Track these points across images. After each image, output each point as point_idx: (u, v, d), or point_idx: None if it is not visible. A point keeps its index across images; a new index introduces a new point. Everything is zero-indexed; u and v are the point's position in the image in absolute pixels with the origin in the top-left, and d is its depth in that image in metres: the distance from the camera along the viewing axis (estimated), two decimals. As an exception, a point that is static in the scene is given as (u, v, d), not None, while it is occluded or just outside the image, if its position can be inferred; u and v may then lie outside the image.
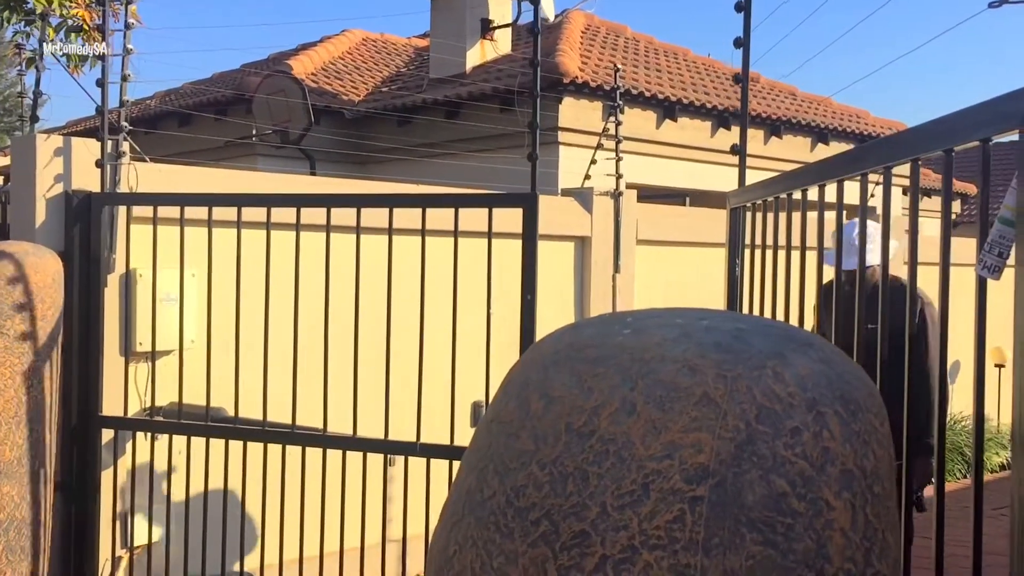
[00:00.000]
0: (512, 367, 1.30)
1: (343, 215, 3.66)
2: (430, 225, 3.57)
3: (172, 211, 3.82)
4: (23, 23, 7.37)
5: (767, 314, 2.95)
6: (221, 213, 3.76)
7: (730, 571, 0.97)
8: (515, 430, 1.16)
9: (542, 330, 3.68)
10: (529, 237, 3.47)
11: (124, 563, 3.96)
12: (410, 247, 3.66)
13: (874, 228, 3.75)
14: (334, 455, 3.61)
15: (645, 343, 1.15)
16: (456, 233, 3.51)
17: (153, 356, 3.83)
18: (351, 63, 11.57)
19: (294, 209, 3.61)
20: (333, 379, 3.67)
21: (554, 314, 5.19)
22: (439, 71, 9.57)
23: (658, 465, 1.03)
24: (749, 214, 3.33)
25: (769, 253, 2.97)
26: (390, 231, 3.54)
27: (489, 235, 3.51)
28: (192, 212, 3.80)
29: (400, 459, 3.70)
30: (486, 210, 3.52)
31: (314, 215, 3.69)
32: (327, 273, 3.56)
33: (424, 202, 3.55)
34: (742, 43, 3.72)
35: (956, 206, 16.41)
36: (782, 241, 2.86)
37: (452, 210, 3.52)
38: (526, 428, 1.15)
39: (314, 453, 3.65)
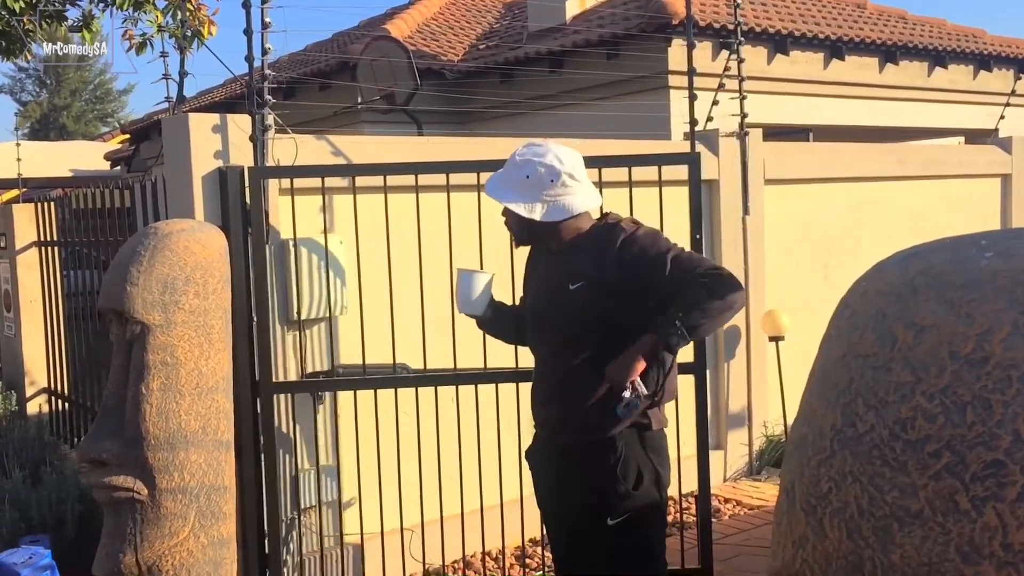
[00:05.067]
0: (843, 300, 1.27)
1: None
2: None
3: (316, 181, 3.89)
4: (132, 8, 7.49)
5: None
6: (366, 181, 3.89)
7: None
8: (883, 362, 1.14)
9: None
10: (694, 187, 4.08)
11: (307, 521, 4.09)
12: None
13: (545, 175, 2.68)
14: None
15: (1021, 266, 1.11)
16: (631, 187, 3.90)
17: (331, 322, 3.93)
18: (444, 23, 11.54)
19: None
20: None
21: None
22: (538, 21, 9.46)
23: (1074, 389, 0.99)
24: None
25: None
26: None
27: (660, 187, 3.96)
28: (333, 181, 3.90)
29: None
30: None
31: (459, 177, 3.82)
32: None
33: (601, 163, 3.71)
34: None
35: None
36: None
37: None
38: (897, 359, 1.12)
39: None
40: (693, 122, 4.74)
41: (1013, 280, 1.10)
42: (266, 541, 3.92)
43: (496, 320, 2.92)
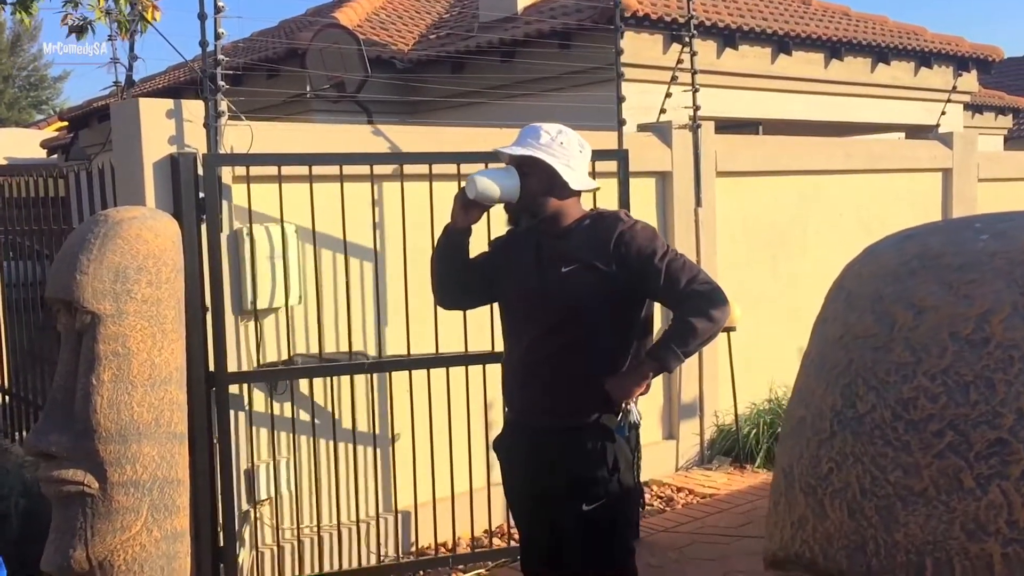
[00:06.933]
0: (837, 282, 1.28)
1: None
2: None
3: (271, 169, 3.82)
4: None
5: None
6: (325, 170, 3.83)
7: None
8: (883, 343, 1.15)
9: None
10: (622, 182, 4.51)
11: (259, 515, 4.03)
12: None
13: (575, 142, 2.72)
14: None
15: (1018, 247, 1.13)
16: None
17: (287, 311, 3.88)
18: (393, 12, 11.44)
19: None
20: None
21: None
22: (489, 11, 9.42)
23: (1075, 369, 1.01)
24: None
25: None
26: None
27: (592, 177, 3.98)
28: (288, 169, 3.84)
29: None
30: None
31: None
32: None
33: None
34: None
35: (1008, 120, 16.03)
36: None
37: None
38: (897, 340, 1.13)
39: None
40: (621, 121, 5.10)
41: (1010, 261, 1.12)
42: (220, 534, 3.86)
43: (465, 238, 2.75)
